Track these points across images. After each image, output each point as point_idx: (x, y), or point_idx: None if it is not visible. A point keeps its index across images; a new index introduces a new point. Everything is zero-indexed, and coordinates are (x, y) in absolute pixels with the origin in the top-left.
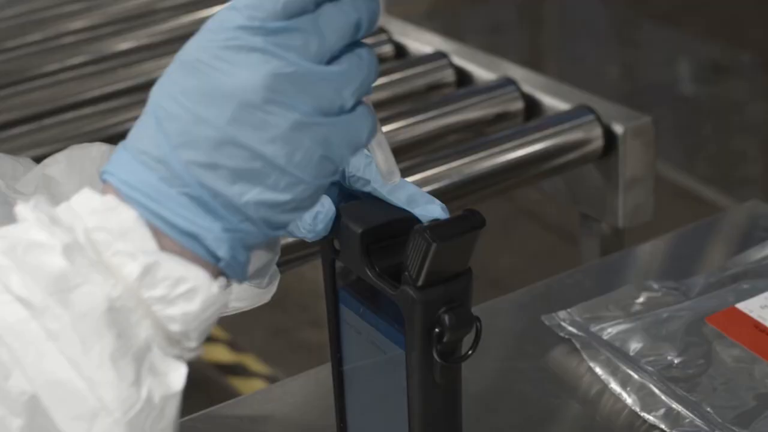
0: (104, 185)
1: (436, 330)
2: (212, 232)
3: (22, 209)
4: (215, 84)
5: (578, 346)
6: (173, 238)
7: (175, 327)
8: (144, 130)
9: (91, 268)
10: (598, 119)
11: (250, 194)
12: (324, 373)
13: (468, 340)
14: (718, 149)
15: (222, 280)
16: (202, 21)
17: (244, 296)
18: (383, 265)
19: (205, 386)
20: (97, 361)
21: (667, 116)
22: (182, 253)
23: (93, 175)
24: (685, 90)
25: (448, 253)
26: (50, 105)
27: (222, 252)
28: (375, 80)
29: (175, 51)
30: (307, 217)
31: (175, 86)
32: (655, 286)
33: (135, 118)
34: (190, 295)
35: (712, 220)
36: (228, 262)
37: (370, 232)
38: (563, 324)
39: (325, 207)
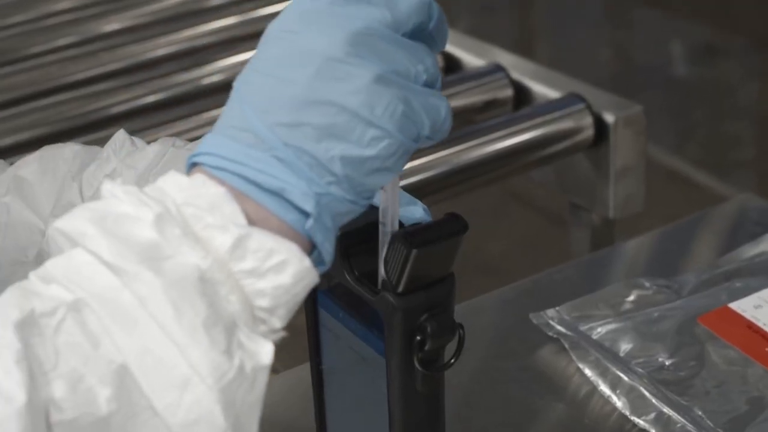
0: (192, 169)
1: (417, 337)
2: (298, 188)
3: (108, 186)
4: (298, 46)
5: (567, 346)
6: (259, 202)
7: (264, 302)
8: (228, 110)
9: (181, 239)
10: (589, 108)
11: (336, 150)
12: (305, 371)
13: (451, 346)
14: (711, 132)
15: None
16: (189, 2)
17: None
18: (363, 269)
19: None
20: (190, 327)
21: (659, 99)
22: (270, 224)
23: (65, 176)
24: (678, 72)
25: (429, 258)
26: (31, 89)
27: (309, 207)
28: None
29: (162, 33)
30: None
31: (258, 61)
32: (646, 283)
33: (121, 102)
34: (281, 267)
35: (703, 214)
36: (315, 223)
37: (349, 234)
38: (551, 323)
39: None
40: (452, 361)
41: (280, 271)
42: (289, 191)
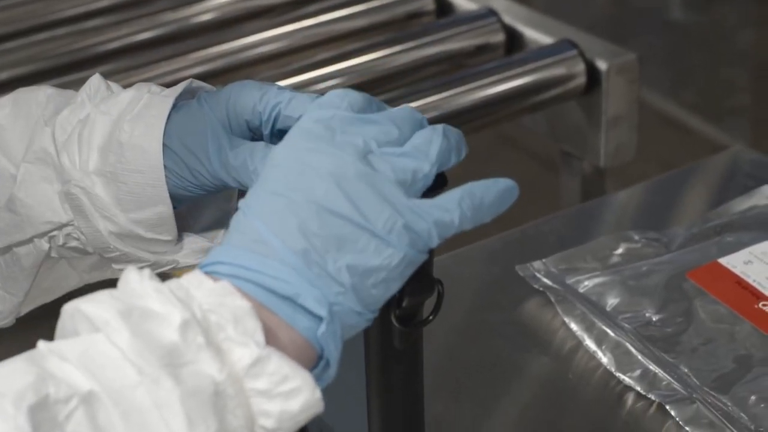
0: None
1: (395, 294)
2: (311, 294)
3: (136, 278)
4: (306, 166)
5: (553, 299)
6: (273, 308)
7: (268, 423)
8: (240, 225)
9: (202, 348)
10: (581, 55)
11: (343, 260)
12: None
13: (430, 303)
14: (706, 78)
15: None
16: None
17: (197, 251)
18: None
19: None
20: None
21: (655, 43)
22: (282, 332)
23: (38, 120)
24: (674, 16)
25: None
26: (16, 26)
27: (323, 311)
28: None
29: None
30: None
31: (267, 182)
32: (635, 236)
33: (110, 41)
34: (292, 394)
35: (695, 166)
36: (327, 329)
37: None
38: (538, 275)
39: None
40: (430, 318)
41: (290, 397)
42: (303, 297)
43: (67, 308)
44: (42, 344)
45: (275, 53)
